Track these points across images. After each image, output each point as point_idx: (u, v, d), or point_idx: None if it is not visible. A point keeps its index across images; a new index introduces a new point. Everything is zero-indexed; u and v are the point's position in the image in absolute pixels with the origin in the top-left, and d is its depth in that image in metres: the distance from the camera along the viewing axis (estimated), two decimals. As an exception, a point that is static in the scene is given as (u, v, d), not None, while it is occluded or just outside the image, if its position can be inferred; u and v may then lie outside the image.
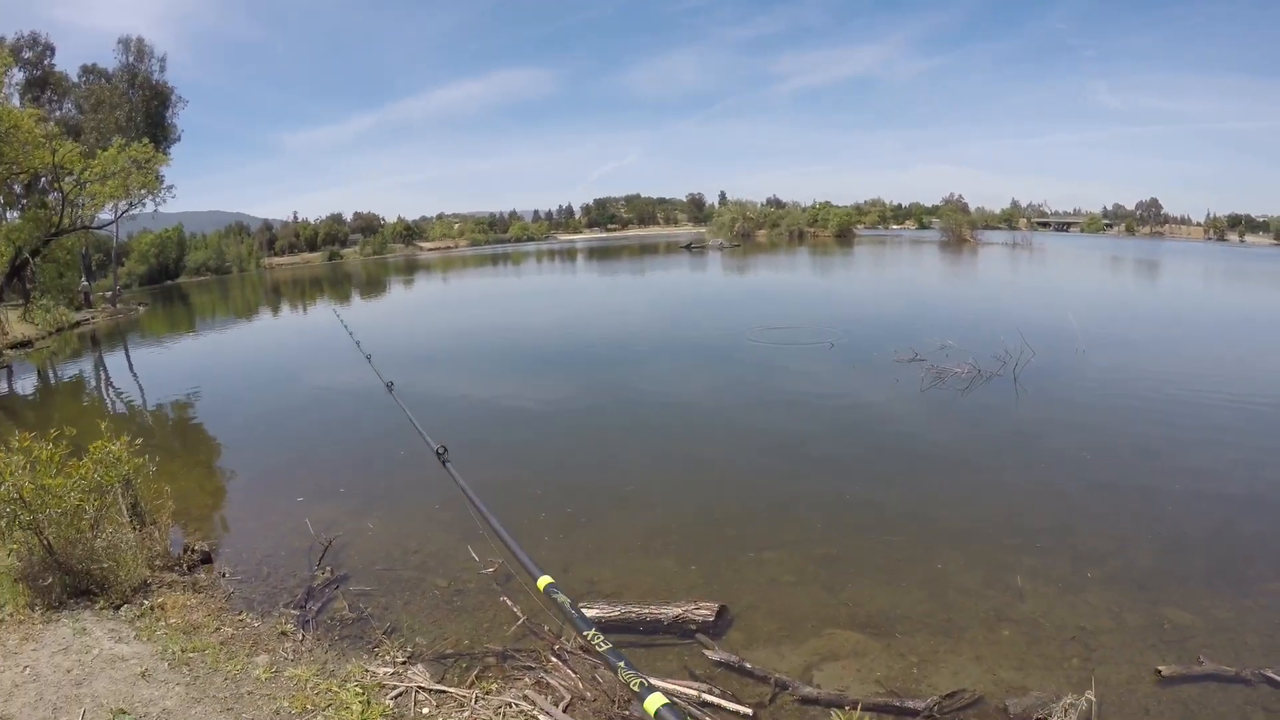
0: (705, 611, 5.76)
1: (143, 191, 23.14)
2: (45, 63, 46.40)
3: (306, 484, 9.66)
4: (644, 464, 10.16)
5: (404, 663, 5.26)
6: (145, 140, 24.51)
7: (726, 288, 37.48)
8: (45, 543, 5.89)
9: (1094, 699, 4.73)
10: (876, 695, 4.95)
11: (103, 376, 22.02)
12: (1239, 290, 35.45)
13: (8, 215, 30.84)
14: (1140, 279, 41.05)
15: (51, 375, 23.04)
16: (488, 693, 4.83)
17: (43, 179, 25.44)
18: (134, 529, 6.98)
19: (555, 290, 40.73)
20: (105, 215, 24.50)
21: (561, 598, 2.34)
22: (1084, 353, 16.04)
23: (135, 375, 21.76)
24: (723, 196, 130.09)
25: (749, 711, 4.74)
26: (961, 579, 6.54)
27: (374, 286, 51.84)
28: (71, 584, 5.94)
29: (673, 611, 5.77)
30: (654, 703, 1.80)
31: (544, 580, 2.38)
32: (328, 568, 7.03)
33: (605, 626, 5.69)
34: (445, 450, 3.90)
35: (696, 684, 5.01)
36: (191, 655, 5.10)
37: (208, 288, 60.39)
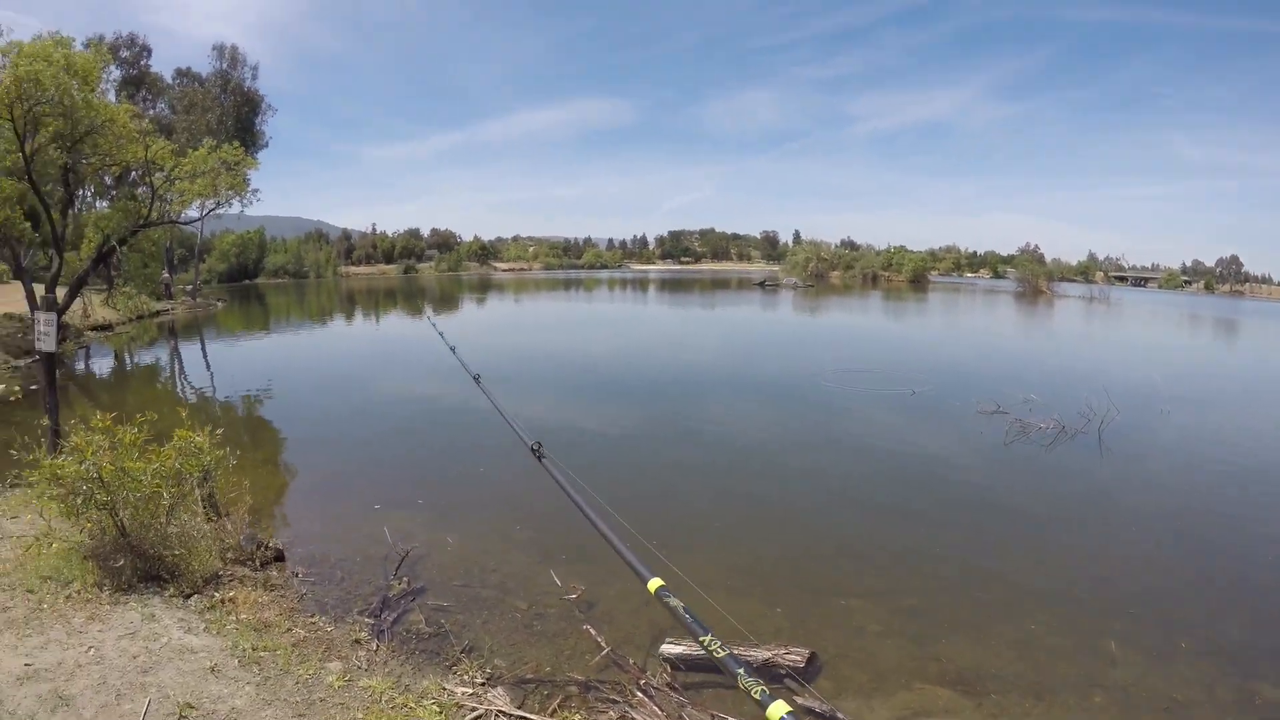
0: (796, 657, 5.48)
1: (230, 192, 23.71)
2: (141, 63, 48.65)
3: (380, 491, 9.50)
4: (724, 500, 9.79)
5: (483, 684, 5.01)
6: (236, 143, 25.18)
7: (801, 327, 36.90)
8: (119, 523, 5.82)
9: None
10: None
11: (177, 365, 22.62)
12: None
13: (97, 205, 32.15)
14: (1220, 338, 39.55)
15: (128, 359, 23.76)
16: (569, 724, 4.56)
17: (133, 173, 26.39)
18: (208, 519, 6.92)
19: (627, 319, 40.63)
20: (192, 212, 25.20)
21: (674, 602, 2.20)
22: (1168, 413, 15.38)
23: (209, 367, 22.27)
24: (797, 235, 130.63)
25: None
26: (1051, 641, 6.24)
27: (447, 302, 52.59)
28: (142, 568, 5.82)
29: (763, 654, 5.47)
30: (776, 710, 1.75)
31: (655, 583, 2.22)
32: (404, 578, 6.82)
33: (691, 665, 5.45)
34: (540, 446, 3.62)
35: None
36: (262, 654, 4.90)
37: (284, 290, 62.04)
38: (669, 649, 5.55)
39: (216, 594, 5.83)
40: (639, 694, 5.02)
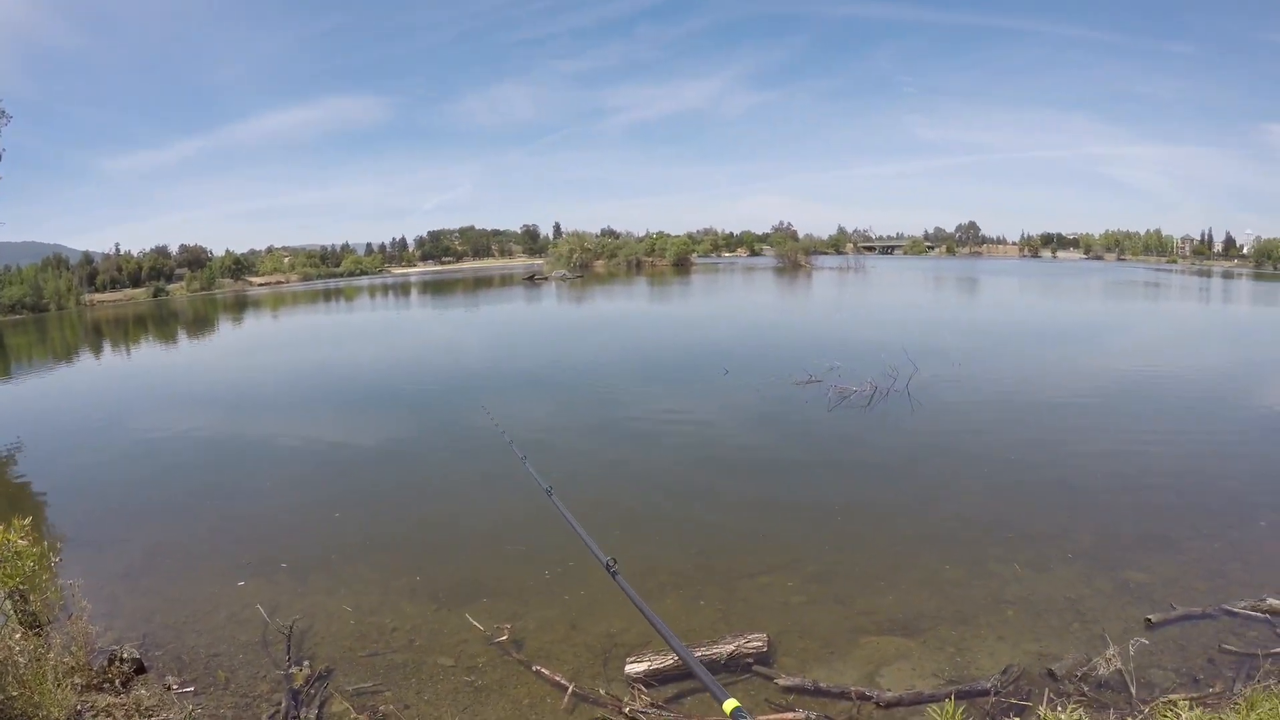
0: (758, 643, 5.61)
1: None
2: None
3: (220, 558, 8.05)
4: (589, 508, 9.03)
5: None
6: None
7: (576, 319, 36.26)
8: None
9: (1130, 649, 5.23)
10: (945, 686, 5.14)
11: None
12: (1071, 301, 40.57)
13: None
14: (974, 294, 45.64)
15: None
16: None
17: None
18: (34, 637, 5.57)
19: (391, 327, 37.95)
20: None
21: (747, 722, 2.18)
22: (960, 365, 17.36)
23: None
24: (557, 228, 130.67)
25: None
26: (949, 573, 7.00)
27: (202, 325, 47.29)
28: (-20, 734, 4.54)
29: (726, 648, 5.54)
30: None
31: (730, 704, 2.11)
32: (302, 662, 5.84)
33: (665, 677, 5.33)
34: (615, 562, 3.08)
35: (791, 714, 4.86)
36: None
37: (24, 328, 53.81)
38: (633, 668, 5.37)
39: (91, 743, 4.64)
40: (630, 723, 4.78)
